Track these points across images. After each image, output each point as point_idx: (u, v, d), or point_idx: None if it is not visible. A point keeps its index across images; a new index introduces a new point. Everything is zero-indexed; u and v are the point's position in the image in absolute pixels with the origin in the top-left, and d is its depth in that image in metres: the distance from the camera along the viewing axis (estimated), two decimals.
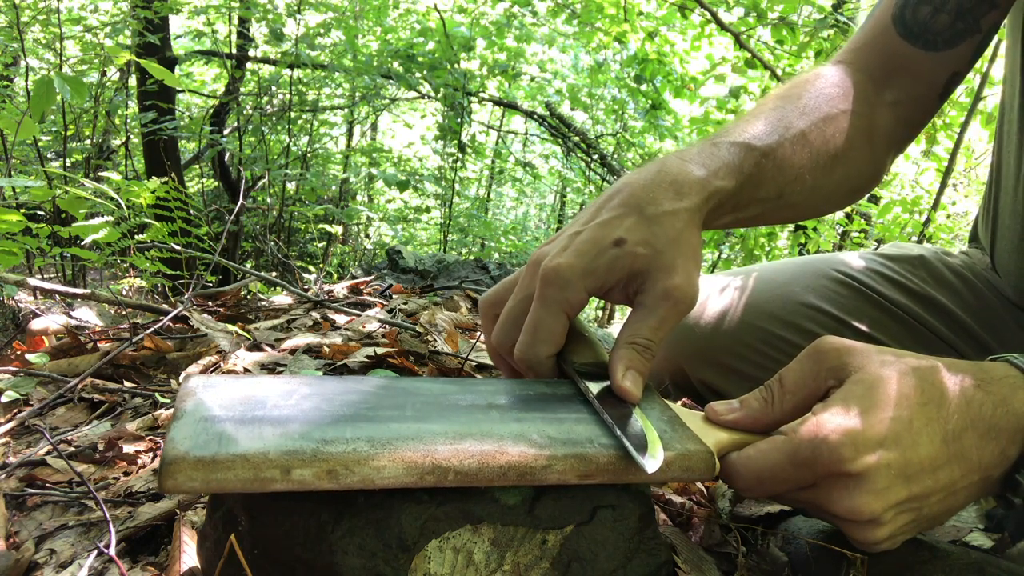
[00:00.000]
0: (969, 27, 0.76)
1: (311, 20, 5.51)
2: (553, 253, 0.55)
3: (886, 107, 0.79)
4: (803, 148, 0.69)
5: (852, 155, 0.75)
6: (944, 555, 0.51)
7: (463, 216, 7.70)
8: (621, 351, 0.54)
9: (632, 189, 0.57)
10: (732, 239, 4.47)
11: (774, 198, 0.68)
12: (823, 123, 0.72)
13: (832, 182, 0.75)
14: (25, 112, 1.52)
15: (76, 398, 0.89)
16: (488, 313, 0.61)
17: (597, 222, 0.56)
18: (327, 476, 0.41)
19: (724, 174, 0.61)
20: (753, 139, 0.65)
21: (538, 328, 0.54)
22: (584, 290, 0.54)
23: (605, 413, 0.50)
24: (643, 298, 0.55)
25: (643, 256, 0.54)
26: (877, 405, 0.47)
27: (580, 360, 0.56)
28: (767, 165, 0.65)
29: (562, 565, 0.46)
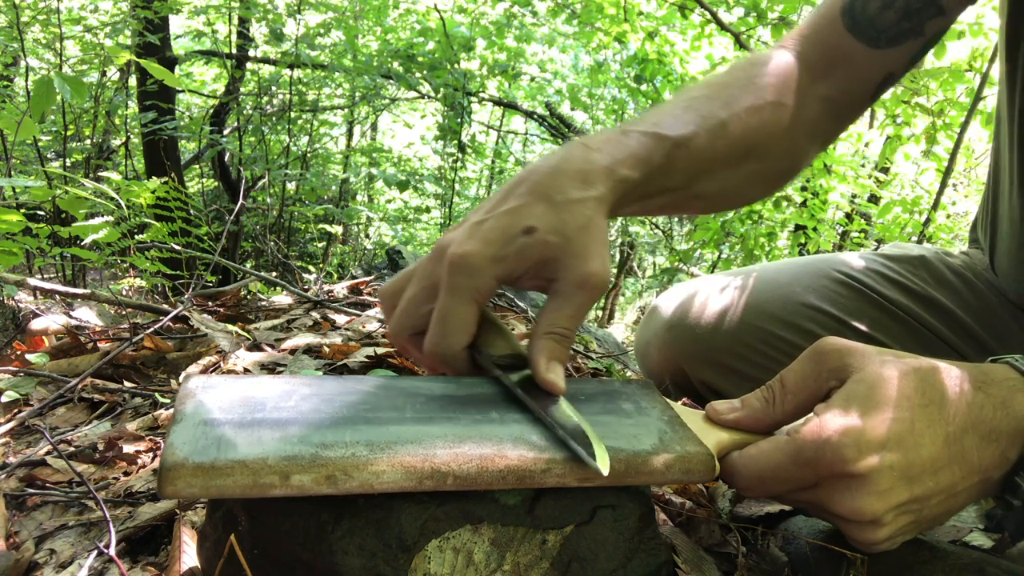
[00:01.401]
0: (914, 28, 0.76)
1: (311, 20, 5.51)
2: (459, 241, 0.53)
3: (817, 101, 0.78)
4: (721, 139, 0.68)
5: (772, 148, 0.74)
6: (944, 555, 0.51)
7: (463, 216, 7.69)
8: (541, 341, 0.53)
9: (538, 178, 0.56)
10: (732, 239, 4.47)
11: (683, 188, 0.68)
12: (747, 114, 0.71)
13: (745, 174, 0.74)
14: (25, 112, 1.52)
15: (76, 398, 0.89)
16: (389, 304, 0.59)
17: (504, 210, 0.54)
18: (326, 481, 0.41)
19: (631, 164, 0.60)
20: (667, 128, 0.65)
21: (448, 319, 0.53)
22: (493, 277, 0.53)
23: (542, 412, 0.49)
24: (559, 286, 0.54)
25: (554, 244, 0.53)
26: (879, 406, 0.47)
27: (496, 351, 0.55)
28: (679, 155, 0.64)
29: (562, 565, 0.46)
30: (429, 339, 0.54)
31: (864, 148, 4.51)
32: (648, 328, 1.13)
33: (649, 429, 0.50)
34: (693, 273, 5.43)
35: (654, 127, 0.64)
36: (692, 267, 5.87)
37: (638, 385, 0.59)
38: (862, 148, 4.47)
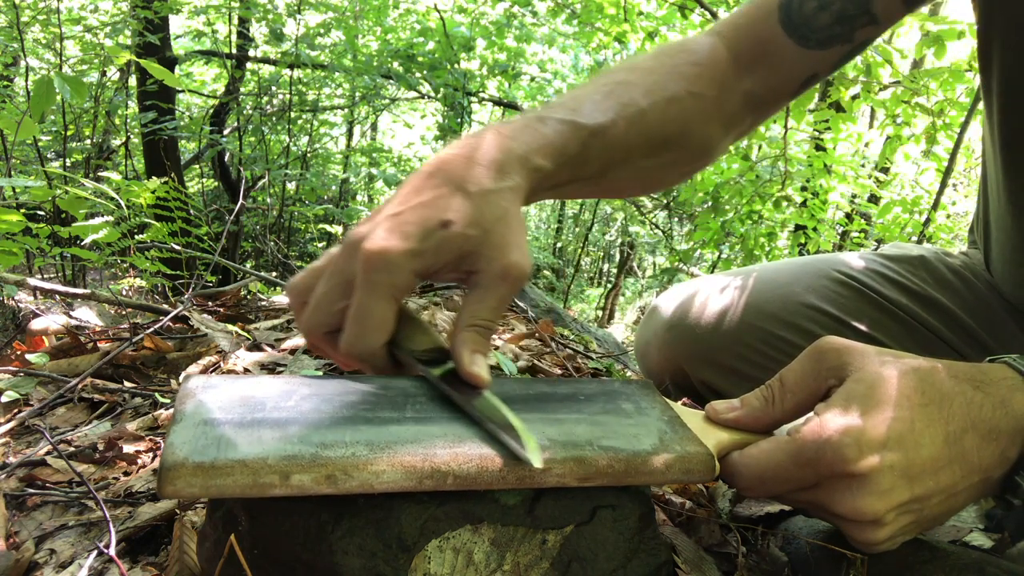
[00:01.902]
0: (845, 33, 0.76)
1: (311, 20, 5.51)
2: (374, 235, 0.51)
3: (740, 94, 0.78)
4: (639, 129, 0.68)
5: (688, 139, 0.74)
6: (944, 555, 0.51)
7: None
8: (464, 334, 0.52)
9: (452, 168, 0.55)
10: (732, 239, 4.47)
11: (597, 176, 0.67)
12: (667, 104, 0.70)
13: (660, 164, 0.73)
14: (25, 112, 1.52)
15: (76, 398, 0.89)
16: (297, 301, 0.57)
17: (419, 202, 0.53)
18: (326, 481, 0.41)
19: (545, 153, 0.60)
20: (584, 116, 0.64)
21: (366, 317, 0.51)
22: (411, 272, 0.51)
23: (468, 406, 0.48)
24: (480, 278, 0.53)
25: (473, 237, 0.52)
26: (879, 406, 0.47)
27: (417, 346, 0.54)
28: (594, 144, 0.64)
29: (562, 565, 0.46)
30: (346, 338, 0.52)
31: (864, 148, 4.51)
32: (648, 328, 1.13)
33: (649, 429, 0.50)
34: (693, 273, 5.43)
35: (572, 114, 0.63)
36: (692, 267, 5.87)
37: (638, 385, 0.59)
38: (862, 148, 4.47)
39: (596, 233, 9.49)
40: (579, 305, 8.88)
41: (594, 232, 9.31)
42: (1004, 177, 0.80)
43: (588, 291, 10.08)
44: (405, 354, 0.53)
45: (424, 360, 0.53)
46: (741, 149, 3.99)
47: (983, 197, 0.93)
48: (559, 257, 10.20)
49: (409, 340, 0.54)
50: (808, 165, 3.97)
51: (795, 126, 3.89)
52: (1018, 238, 0.83)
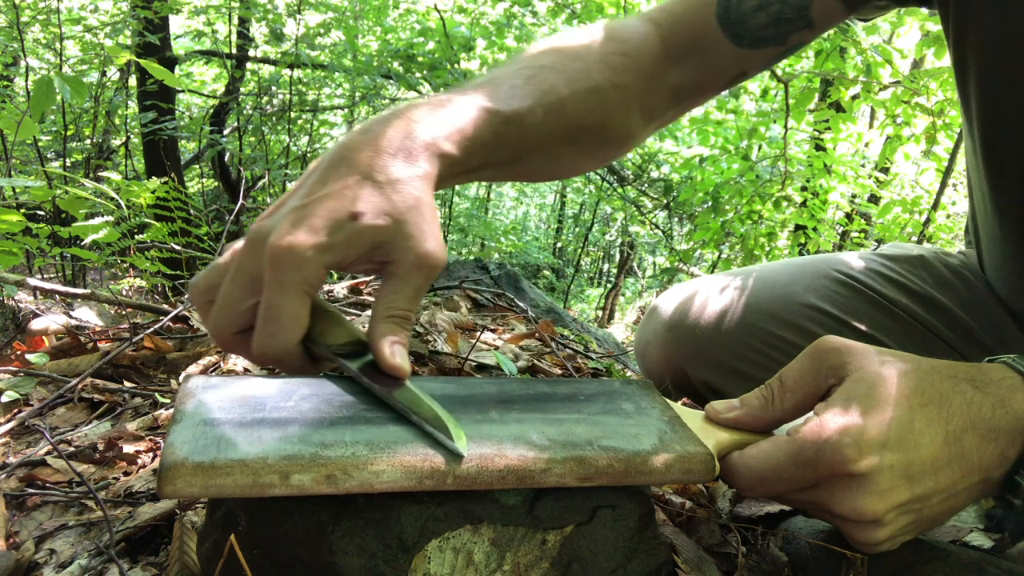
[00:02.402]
0: (778, 35, 0.76)
1: (311, 20, 5.51)
2: (280, 230, 0.49)
3: (665, 87, 0.77)
4: (556, 117, 0.66)
5: (607, 130, 0.73)
6: (944, 555, 0.51)
7: (463, 216, 7.70)
8: (382, 326, 0.51)
9: (358, 156, 0.53)
10: (732, 239, 4.47)
11: (510, 163, 0.66)
12: (588, 94, 0.69)
13: (576, 152, 0.72)
14: (25, 112, 1.52)
15: (76, 398, 0.89)
16: (201, 300, 0.55)
17: (326, 193, 0.51)
18: (326, 481, 0.41)
19: (455, 140, 0.58)
20: (500, 102, 0.62)
21: (278, 315, 0.49)
22: (322, 267, 0.50)
23: (392, 398, 0.48)
24: (395, 268, 0.52)
25: (385, 228, 0.51)
26: (879, 406, 0.47)
27: (333, 340, 0.52)
28: (508, 132, 0.62)
29: (562, 565, 0.46)
30: (259, 339, 0.50)
31: (864, 148, 4.51)
32: (648, 328, 1.13)
33: (649, 429, 0.51)
34: (693, 273, 5.43)
35: (487, 99, 0.61)
36: (692, 267, 5.87)
37: (638, 385, 0.59)
38: (862, 148, 4.47)
39: (596, 233, 9.49)
40: (579, 305, 8.88)
41: (594, 232, 9.31)
42: (989, 188, 0.80)
43: (588, 291, 10.08)
44: (322, 349, 0.52)
45: (342, 354, 0.52)
46: (741, 149, 3.99)
47: (970, 203, 0.93)
48: (559, 257, 10.21)
49: (325, 335, 0.52)
50: (808, 165, 3.97)
51: (795, 126, 3.89)
52: (1007, 247, 0.83)
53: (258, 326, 0.50)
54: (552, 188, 10.86)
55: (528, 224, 11.27)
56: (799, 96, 3.62)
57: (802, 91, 3.64)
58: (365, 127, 0.56)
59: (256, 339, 0.50)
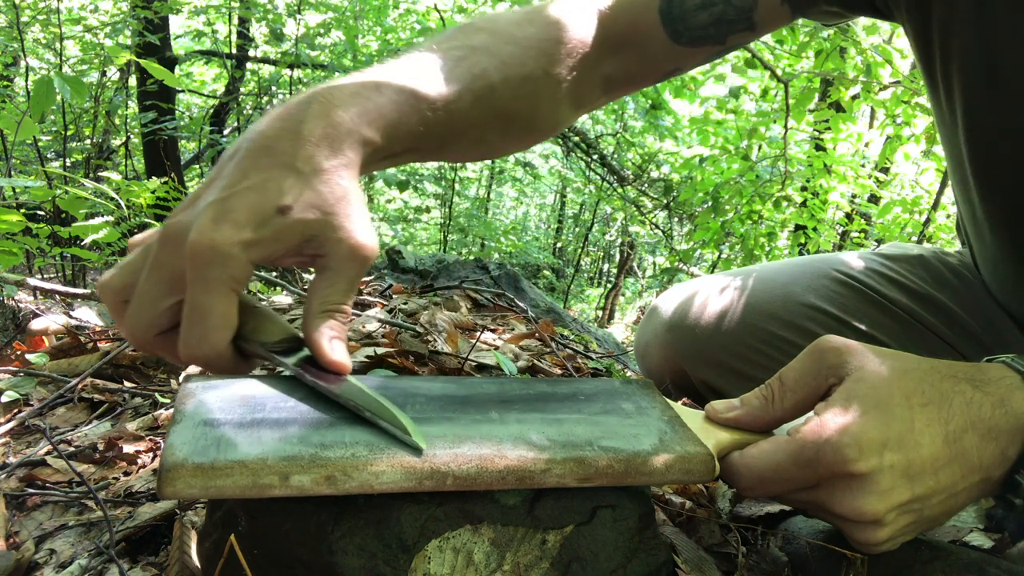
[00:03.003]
0: (718, 35, 0.75)
1: (311, 20, 5.51)
2: (202, 225, 0.46)
3: (598, 77, 0.76)
4: (485, 104, 0.65)
5: (535, 118, 0.72)
6: (944, 555, 0.51)
7: (463, 216, 7.70)
8: (318, 321, 0.50)
9: (278, 145, 0.50)
10: (732, 239, 4.47)
11: (435, 149, 0.65)
12: (520, 83, 0.67)
13: (504, 138, 0.71)
14: (25, 112, 1.52)
15: (76, 398, 0.89)
16: (114, 301, 0.52)
17: (248, 185, 0.48)
18: (325, 482, 0.41)
19: (378, 127, 0.55)
20: (428, 86, 0.59)
21: (206, 316, 0.47)
22: (249, 263, 0.48)
23: (337, 395, 0.47)
24: (328, 262, 0.51)
25: (314, 221, 0.49)
26: (879, 405, 0.47)
27: (267, 338, 0.51)
28: (435, 119, 0.60)
29: (562, 565, 0.46)
30: (186, 341, 0.48)
31: (864, 148, 4.51)
32: (648, 328, 1.13)
33: (649, 429, 0.50)
34: (693, 273, 5.43)
35: (413, 82, 0.59)
36: (692, 267, 5.87)
37: (638, 385, 0.59)
38: (862, 148, 4.47)
39: (596, 233, 9.49)
40: (579, 305, 8.88)
41: (594, 232, 9.31)
42: (979, 199, 0.79)
43: (588, 291, 10.08)
44: (256, 347, 0.50)
45: (278, 351, 0.50)
46: (741, 149, 3.99)
47: (958, 208, 0.93)
48: (559, 257, 10.21)
49: (257, 332, 0.51)
50: (808, 165, 3.98)
51: (795, 126, 3.89)
52: (997, 252, 0.82)
53: (184, 327, 0.48)
54: (552, 188, 10.86)
55: (528, 224, 11.28)
56: (799, 96, 3.62)
57: (802, 91, 3.64)
58: (282, 113, 0.53)
59: (183, 341, 0.48)
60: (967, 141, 0.75)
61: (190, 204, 0.50)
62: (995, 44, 0.68)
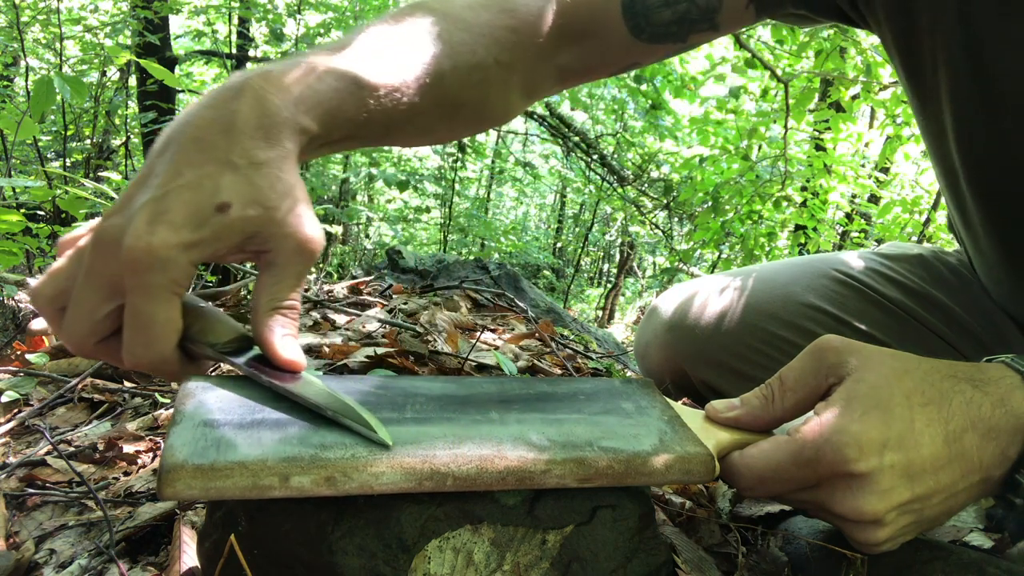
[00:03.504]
0: (680, 33, 0.74)
1: (311, 20, 5.51)
2: (136, 229, 0.44)
3: (552, 67, 0.74)
4: (432, 92, 0.62)
5: (484, 107, 0.70)
6: (944, 555, 0.51)
7: (463, 216, 7.70)
8: (270, 319, 0.48)
9: (212, 138, 0.48)
10: (732, 239, 4.47)
11: (378, 136, 0.62)
12: (470, 71, 0.65)
13: (451, 127, 0.69)
14: (25, 112, 1.52)
15: (76, 398, 0.89)
16: (49, 309, 0.49)
17: (183, 183, 0.46)
18: (325, 483, 0.41)
19: (315, 115, 0.53)
20: (371, 73, 0.57)
21: (150, 323, 0.45)
22: (190, 264, 0.46)
23: (297, 394, 0.46)
24: (273, 258, 0.49)
25: (256, 218, 0.47)
26: (880, 405, 0.47)
27: (218, 339, 0.49)
28: (378, 106, 0.58)
29: (562, 565, 0.46)
30: (131, 349, 0.46)
31: (864, 148, 4.51)
32: (648, 329, 1.13)
33: (649, 429, 0.50)
34: (693, 273, 5.43)
35: (356, 67, 0.56)
36: (692, 267, 5.87)
37: (638, 384, 0.59)
38: (862, 148, 4.47)
39: (596, 233, 9.49)
40: (579, 305, 8.89)
41: (594, 232, 9.31)
42: (976, 207, 0.78)
43: (588, 291, 10.08)
44: (205, 349, 0.49)
45: (229, 352, 0.49)
46: (741, 149, 3.99)
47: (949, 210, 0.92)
48: (559, 257, 10.21)
49: (206, 333, 0.49)
50: (808, 165, 3.98)
51: (795, 126, 3.89)
52: (992, 256, 0.82)
53: (126, 335, 0.46)
54: (552, 188, 10.86)
55: (528, 224, 11.28)
56: (799, 96, 3.62)
57: (802, 91, 3.64)
58: (213, 101, 0.50)
59: (127, 349, 0.47)
60: (959, 148, 0.74)
61: (123, 205, 0.47)
62: (982, 50, 0.67)
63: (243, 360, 0.49)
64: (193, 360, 0.50)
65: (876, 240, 4.72)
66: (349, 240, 8.22)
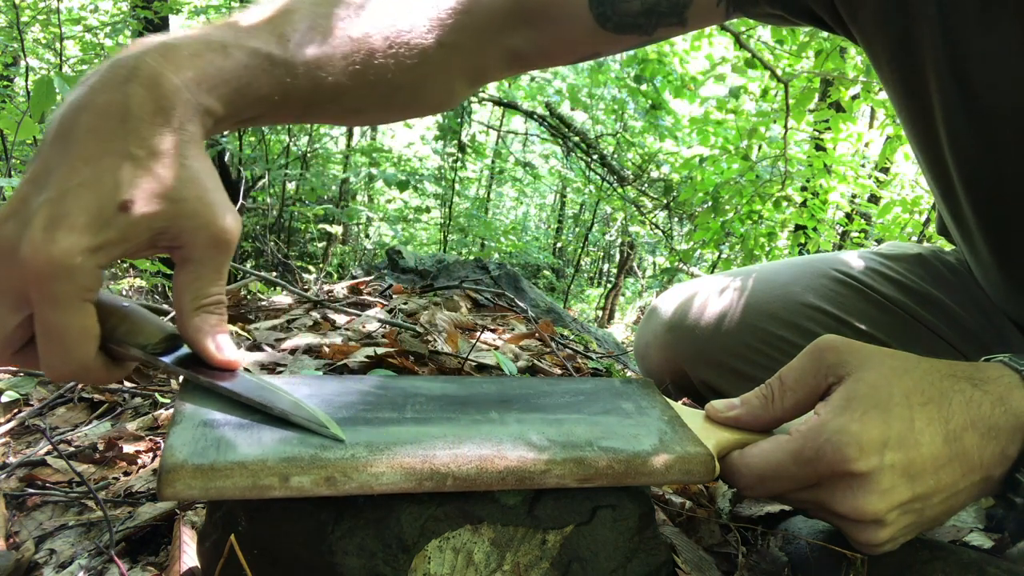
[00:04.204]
0: (646, 26, 0.71)
1: None
2: (34, 237, 0.41)
3: (503, 50, 0.69)
4: (361, 73, 0.58)
5: (422, 91, 0.65)
6: (944, 555, 0.51)
7: (463, 216, 7.70)
8: (198, 320, 0.46)
9: (107, 124, 0.44)
10: (732, 239, 4.47)
11: (297, 115, 0.58)
12: (407, 53, 0.60)
13: (383, 109, 0.65)
14: (25, 112, 1.52)
15: (76, 398, 0.89)
16: None
17: (80, 182, 0.42)
18: (325, 483, 0.41)
19: (220, 95, 0.49)
20: (288, 49, 0.52)
21: (64, 334, 0.43)
22: (97, 267, 0.43)
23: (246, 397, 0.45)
24: (189, 253, 0.46)
25: (163, 212, 0.43)
26: (879, 405, 0.47)
27: (147, 340, 0.47)
28: (295, 85, 0.53)
29: (562, 565, 0.46)
30: (48, 361, 0.44)
31: (864, 148, 4.51)
32: (648, 329, 1.13)
33: (649, 429, 0.50)
34: (693, 273, 5.43)
35: (272, 44, 0.52)
36: (692, 267, 5.87)
37: (638, 384, 0.59)
38: (862, 148, 4.47)
39: (596, 233, 9.49)
40: (579, 305, 8.88)
41: (594, 232, 9.31)
42: (972, 214, 0.77)
43: (588, 291, 10.08)
44: (134, 351, 0.47)
45: (158, 352, 0.47)
46: (741, 149, 3.99)
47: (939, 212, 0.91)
48: (559, 257, 10.21)
49: (132, 334, 0.47)
50: (808, 165, 3.98)
51: (795, 126, 3.89)
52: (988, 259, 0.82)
53: (41, 348, 0.44)
54: (552, 188, 10.86)
55: (528, 224, 11.28)
56: (799, 96, 3.62)
57: (802, 91, 3.64)
58: (103, 83, 0.45)
59: (43, 362, 0.44)
60: (952, 155, 0.74)
61: (16, 207, 0.43)
62: (966, 60, 0.66)
63: (173, 360, 0.46)
64: (119, 363, 0.48)
65: (876, 240, 4.73)
66: (349, 240, 8.22)
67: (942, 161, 0.75)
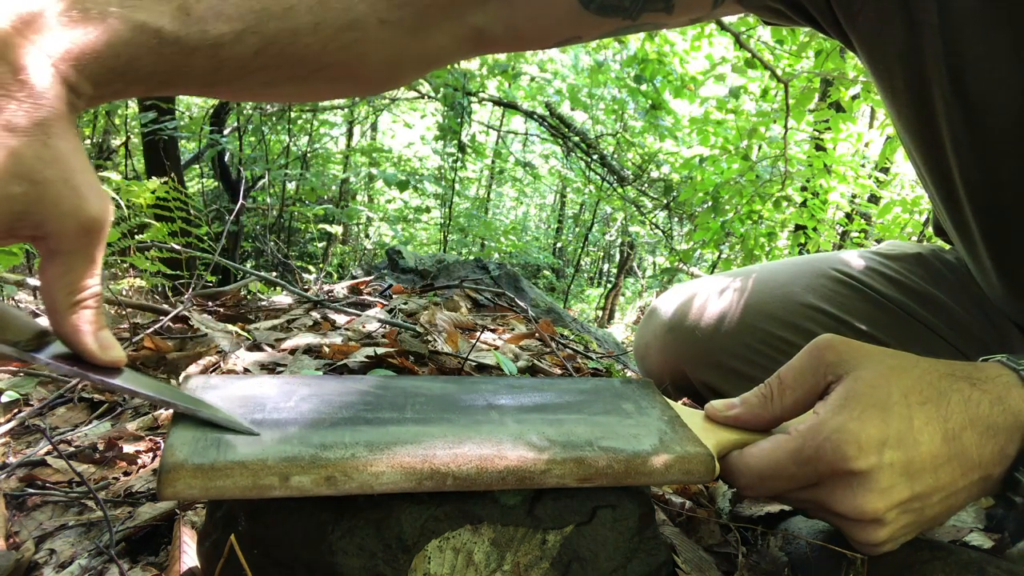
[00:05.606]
0: (632, 9, 0.65)
1: None
2: None
3: (466, 27, 0.62)
4: (280, 51, 0.52)
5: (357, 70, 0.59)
6: (944, 555, 0.51)
7: (463, 216, 7.71)
8: (75, 316, 0.43)
9: None
10: (732, 239, 4.47)
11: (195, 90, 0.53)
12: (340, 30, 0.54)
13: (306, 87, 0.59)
14: None
15: (76, 398, 0.89)
16: None
17: None
18: (325, 483, 0.41)
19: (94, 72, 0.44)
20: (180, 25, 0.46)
21: None
22: None
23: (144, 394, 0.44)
24: (56, 243, 0.42)
25: (21, 195, 0.40)
26: (879, 404, 0.47)
27: (17, 336, 0.44)
28: (187, 64, 0.48)
29: (562, 565, 0.46)
30: None
31: (864, 148, 4.51)
32: (647, 329, 1.13)
33: (649, 429, 0.51)
34: (693, 273, 5.44)
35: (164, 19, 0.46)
36: (692, 267, 5.87)
37: (638, 385, 0.59)
38: (862, 148, 4.47)
39: (596, 233, 9.50)
40: (579, 305, 8.89)
41: (594, 232, 9.32)
42: (973, 219, 0.77)
43: (588, 291, 10.08)
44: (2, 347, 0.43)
45: (31, 349, 0.44)
46: (741, 149, 3.99)
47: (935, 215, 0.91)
48: (559, 257, 10.21)
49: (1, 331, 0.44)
50: (808, 165, 3.98)
51: (795, 126, 3.89)
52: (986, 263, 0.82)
53: None
54: (552, 188, 10.87)
55: (528, 224, 11.28)
56: (799, 96, 3.62)
57: (802, 91, 3.64)
58: None
59: None
60: (956, 162, 0.73)
61: None
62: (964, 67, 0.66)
63: (48, 356, 0.43)
64: None
65: (876, 240, 4.73)
66: (349, 240, 8.23)
67: (945, 168, 0.75)
